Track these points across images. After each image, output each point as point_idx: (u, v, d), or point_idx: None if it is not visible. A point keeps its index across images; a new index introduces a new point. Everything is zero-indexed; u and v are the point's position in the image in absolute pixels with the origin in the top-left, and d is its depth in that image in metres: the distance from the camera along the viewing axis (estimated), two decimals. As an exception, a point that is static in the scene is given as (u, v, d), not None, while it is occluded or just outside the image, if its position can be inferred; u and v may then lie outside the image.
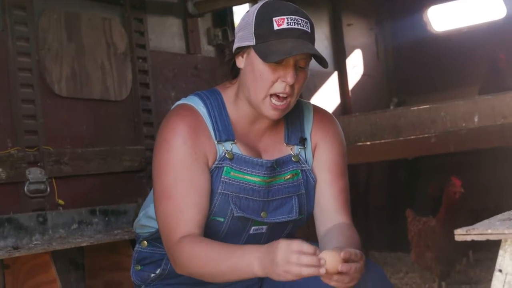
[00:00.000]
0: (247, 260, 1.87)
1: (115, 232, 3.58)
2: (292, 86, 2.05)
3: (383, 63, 6.80)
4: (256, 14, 2.07)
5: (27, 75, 3.48)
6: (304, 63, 2.06)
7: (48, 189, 3.48)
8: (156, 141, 2.16)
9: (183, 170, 2.07)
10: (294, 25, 2.03)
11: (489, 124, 3.37)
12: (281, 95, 2.05)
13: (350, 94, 6.11)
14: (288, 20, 2.03)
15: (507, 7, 6.27)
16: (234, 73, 2.19)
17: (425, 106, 3.51)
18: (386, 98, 6.58)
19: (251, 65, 2.07)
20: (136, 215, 3.68)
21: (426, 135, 4.16)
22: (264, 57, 2.01)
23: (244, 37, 2.08)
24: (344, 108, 6.02)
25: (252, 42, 2.05)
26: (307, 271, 1.76)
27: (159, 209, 2.11)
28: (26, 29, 3.50)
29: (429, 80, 6.53)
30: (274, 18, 2.03)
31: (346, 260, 1.81)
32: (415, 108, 3.55)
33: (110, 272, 3.50)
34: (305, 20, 2.05)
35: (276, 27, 2.02)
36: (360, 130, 3.69)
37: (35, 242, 3.27)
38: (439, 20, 6.70)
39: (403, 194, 6.63)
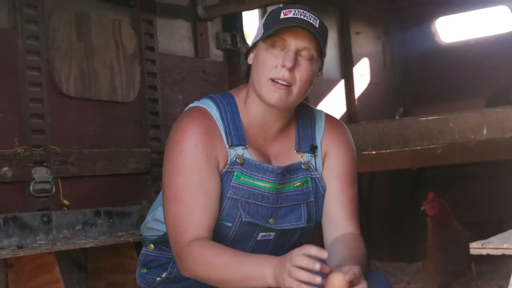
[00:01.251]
0: (260, 269, 1.86)
1: (119, 234, 3.56)
2: (292, 74, 2.04)
3: (389, 72, 6.79)
4: (269, 12, 2.13)
5: (35, 74, 3.47)
6: (308, 55, 2.07)
7: (54, 189, 3.47)
8: (168, 142, 2.15)
9: (194, 173, 2.06)
10: (300, 15, 2.05)
11: (498, 137, 3.36)
12: (279, 81, 2.05)
13: (356, 102, 6.11)
14: (295, 12, 2.06)
15: (516, 20, 6.27)
16: (248, 75, 2.20)
17: (434, 117, 3.50)
18: (391, 108, 6.57)
19: (257, 56, 2.10)
20: (141, 217, 3.69)
21: (432, 146, 4.15)
22: (263, 36, 2.05)
23: (256, 35, 2.14)
24: (350, 116, 6.01)
25: (261, 34, 2.08)
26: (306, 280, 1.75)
27: (169, 211, 2.10)
28: (36, 27, 3.49)
29: (435, 90, 6.53)
30: (282, 11, 2.07)
31: (352, 283, 1.80)
32: (423, 118, 3.54)
33: (113, 274, 3.48)
34: (315, 17, 2.07)
35: (282, 16, 2.05)
36: (368, 139, 3.68)
37: (39, 242, 3.26)
38: (447, 31, 6.70)
39: (406, 203, 6.62)
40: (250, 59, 2.15)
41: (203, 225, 2.05)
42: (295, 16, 2.05)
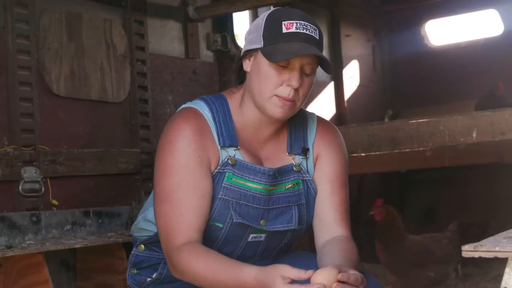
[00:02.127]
0: (246, 283, 1.89)
1: (109, 234, 3.56)
2: (297, 91, 2.05)
3: (379, 75, 6.80)
4: (266, 18, 2.08)
5: (26, 73, 3.46)
6: (310, 70, 2.06)
7: (43, 189, 3.46)
8: (160, 142, 2.14)
9: (186, 173, 2.06)
10: (303, 29, 2.04)
11: (487, 140, 3.36)
12: (285, 99, 2.05)
13: (345, 104, 6.12)
14: (297, 25, 2.04)
15: (505, 24, 6.30)
16: (241, 78, 2.19)
17: (424, 120, 3.49)
18: (381, 110, 6.58)
19: (257, 67, 2.07)
20: (130, 218, 3.68)
21: (421, 149, 4.16)
22: (270, 57, 2.01)
23: (252, 40, 2.09)
24: (339, 118, 6.02)
25: (260, 44, 2.05)
26: None
27: (160, 212, 2.09)
28: (27, 27, 3.48)
29: (424, 93, 6.55)
30: (283, 22, 2.04)
31: (342, 282, 1.81)
32: (414, 121, 3.53)
33: (102, 275, 3.47)
34: (314, 27, 2.07)
35: (284, 30, 2.03)
36: (358, 140, 3.67)
37: (28, 242, 3.25)
38: (437, 34, 6.73)
39: (395, 206, 6.62)
40: (247, 66, 2.12)
41: (194, 226, 2.05)
42: (298, 31, 2.03)
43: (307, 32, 2.04)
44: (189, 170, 2.06)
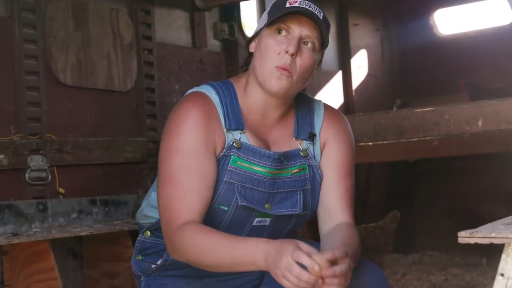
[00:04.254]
0: (252, 254, 1.87)
1: (115, 222, 3.58)
2: (294, 62, 2.06)
3: (387, 64, 6.79)
4: (274, 2, 2.14)
5: (32, 62, 3.48)
6: (311, 43, 2.08)
7: (49, 177, 3.48)
8: (166, 125, 2.15)
9: (190, 156, 2.06)
10: (306, 5, 2.07)
11: (493, 129, 3.36)
12: (282, 67, 2.06)
13: (353, 94, 6.11)
14: (300, 2, 2.08)
15: (514, 13, 6.27)
16: (247, 63, 2.20)
17: (429, 108, 3.49)
18: (389, 99, 6.57)
19: (260, 42, 2.11)
20: (136, 206, 3.70)
21: (428, 138, 4.15)
22: (268, 22, 2.07)
23: (260, 23, 2.15)
24: (347, 108, 6.01)
25: (265, 22, 2.10)
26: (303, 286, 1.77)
27: (162, 193, 2.09)
28: (33, 16, 3.49)
29: (432, 83, 6.53)
30: (288, 0, 2.08)
31: (331, 262, 1.81)
32: (419, 110, 3.53)
33: (108, 263, 3.49)
34: (319, 10, 2.09)
35: (287, 5, 2.06)
36: (364, 130, 3.68)
37: (35, 230, 3.27)
38: (445, 23, 6.70)
39: (403, 196, 6.63)
40: (252, 47, 2.16)
41: (196, 209, 2.05)
42: (301, 6, 2.06)
43: (310, 8, 2.06)
44: (194, 153, 2.07)
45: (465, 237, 1.42)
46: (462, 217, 5.96)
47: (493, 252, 4.47)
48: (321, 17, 2.08)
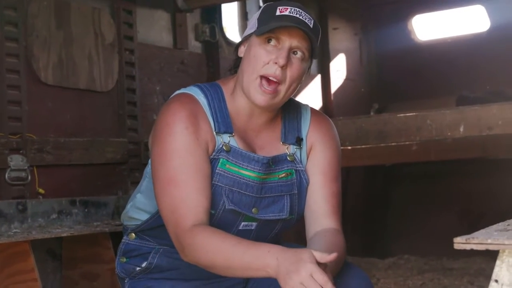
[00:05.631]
0: (264, 259, 1.86)
1: (95, 224, 3.55)
2: (284, 73, 2.05)
3: (366, 69, 6.83)
4: (264, 7, 2.13)
5: (13, 61, 3.44)
6: (301, 54, 2.07)
7: (29, 177, 3.45)
8: (157, 126, 2.12)
9: (187, 155, 2.04)
10: (296, 14, 2.06)
11: (474, 135, 3.39)
12: (271, 77, 2.05)
13: (332, 97, 6.14)
14: (291, 10, 2.07)
15: (491, 20, 6.33)
16: (236, 67, 2.19)
17: (412, 114, 3.51)
18: (367, 103, 6.61)
19: (248, 49, 2.10)
20: (117, 207, 3.68)
21: (407, 143, 4.18)
22: (257, 32, 2.05)
23: (249, 27, 2.14)
24: (326, 111, 6.02)
25: (255, 28, 2.08)
26: None
27: (164, 196, 2.06)
28: (15, 14, 3.46)
29: (410, 87, 6.58)
30: (278, 7, 2.07)
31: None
32: (402, 115, 3.55)
33: (87, 264, 3.47)
34: (310, 17, 2.08)
35: (278, 13, 2.06)
36: (345, 133, 3.68)
37: (14, 230, 3.24)
38: (424, 29, 6.75)
39: (379, 200, 6.68)
40: (241, 52, 2.14)
41: (202, 207, 2.03)
42: (291, 14, 2.05)
43: (300, 17, 2.05)
44: (190, 152, 2.05)
45: (461, 243, 1.42)
46: (438, 222, 6.03)
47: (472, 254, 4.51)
48: (311, 26, 2.07)
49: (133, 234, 2.32)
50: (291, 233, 2.83)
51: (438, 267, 5.29)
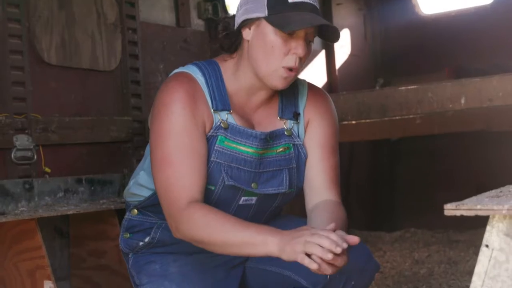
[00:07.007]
0: (264, 235, 1.90)
1: (101, 201, 3.58)
2: (300, 59, 2.08)
3: (370, 44, 6.82)
4: None
5: (16, 41, 3.46)
6: (312, 37, 2.11)
7: (35, 157, 3.48)
8: (155, 106, 2.16)
9: (184, 136, 2.08)
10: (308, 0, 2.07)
11: (476, 106, 3.40)
12: (292, 67, 2.09)
13: (337, 73, 6.14)
14: None
15: (495, -8, 6.31)
16: (235, 46, 2.20)
17: (413, 87, 3.53)
18: (372, 79, 6.61)
19: (262, 37, 2.10)
20: (122, 185, 3.71)
21: (411, 116, 4.20)
22: (281, 27, 2.04)
23: (253, 9, 2.11)
24: (331, 87, 6.05)
25: (264, 13, 2.07)
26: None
27: (160, 175, 2.10)
28: (17, -5, 3.48)
29: (415, 62, 6.57)
30: None
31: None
32: (403, 88, 3.57)
33: (94, 241, 3.51)
34: None
35: (290, 0, 2.05)
36: (347, 108, 3.71)
37: (21, 209, 3.27)
38: (427, 2, 6.73)
39: (385, 175, 6.70)
40: (247, 35, 2.14)
41: (198, 186, 2.07)
42: (304, 0, 2.07)
43: (311, 1, 2.08)
44: (187, 132, 2.08)
45: (451, 209, 1.45)
46: (444, 195, 6.03)
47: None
48: (317, 5, 2.10)
49: (136, 210, 2.37)
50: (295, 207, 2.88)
51: (444, 239, 5.32)
